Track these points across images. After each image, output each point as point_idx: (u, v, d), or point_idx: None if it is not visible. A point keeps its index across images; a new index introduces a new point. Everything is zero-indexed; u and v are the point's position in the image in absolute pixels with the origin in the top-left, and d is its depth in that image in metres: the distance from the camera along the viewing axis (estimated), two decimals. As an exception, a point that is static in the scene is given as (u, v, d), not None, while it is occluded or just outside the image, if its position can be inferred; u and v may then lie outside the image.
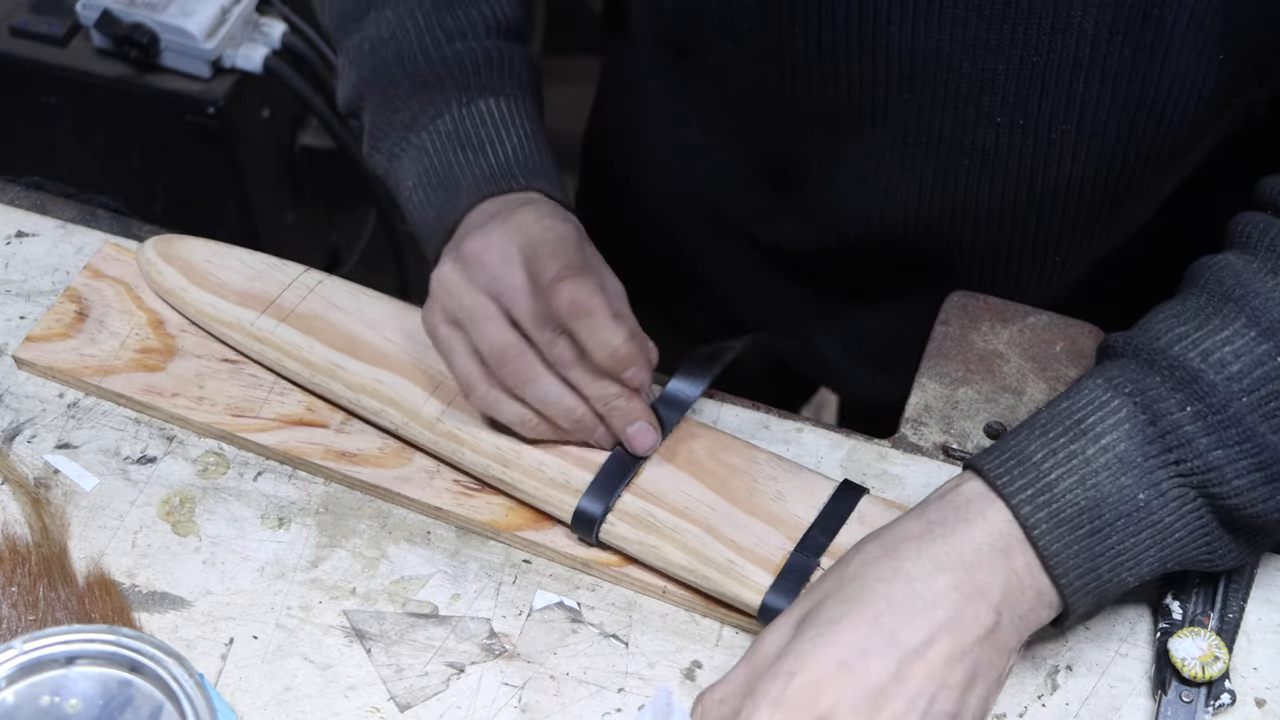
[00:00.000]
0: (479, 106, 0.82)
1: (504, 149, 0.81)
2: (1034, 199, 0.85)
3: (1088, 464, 0.66)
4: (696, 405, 0.83)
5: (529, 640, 0.75)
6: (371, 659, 0.74)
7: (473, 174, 0.80)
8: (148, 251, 0.87)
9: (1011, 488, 0.67)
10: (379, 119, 0.85)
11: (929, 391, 0.84)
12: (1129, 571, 0.67)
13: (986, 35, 0.76)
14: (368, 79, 0.85)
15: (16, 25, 1.40)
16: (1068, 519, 0.66)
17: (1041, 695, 0.73)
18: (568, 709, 0.72)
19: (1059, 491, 0.66)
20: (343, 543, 0.78)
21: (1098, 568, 0.67)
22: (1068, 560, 0.66)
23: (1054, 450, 0.67)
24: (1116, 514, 0.66)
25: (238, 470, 0.81)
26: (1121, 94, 0.77)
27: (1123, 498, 0.66)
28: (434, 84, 0.83)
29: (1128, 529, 0.66)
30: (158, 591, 0.76)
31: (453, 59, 0.83)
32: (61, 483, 0.80)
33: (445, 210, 0.80)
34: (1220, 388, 0.66)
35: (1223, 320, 0.68)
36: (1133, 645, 0.74)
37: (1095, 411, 0.67)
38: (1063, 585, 0.67)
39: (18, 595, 0.73)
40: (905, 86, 0.80)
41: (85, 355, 0.84)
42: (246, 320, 0.83)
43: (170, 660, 0.61)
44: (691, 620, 0.76)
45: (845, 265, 0.96)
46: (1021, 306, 0.87)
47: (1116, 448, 0.66)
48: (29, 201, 0.93)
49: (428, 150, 0.82)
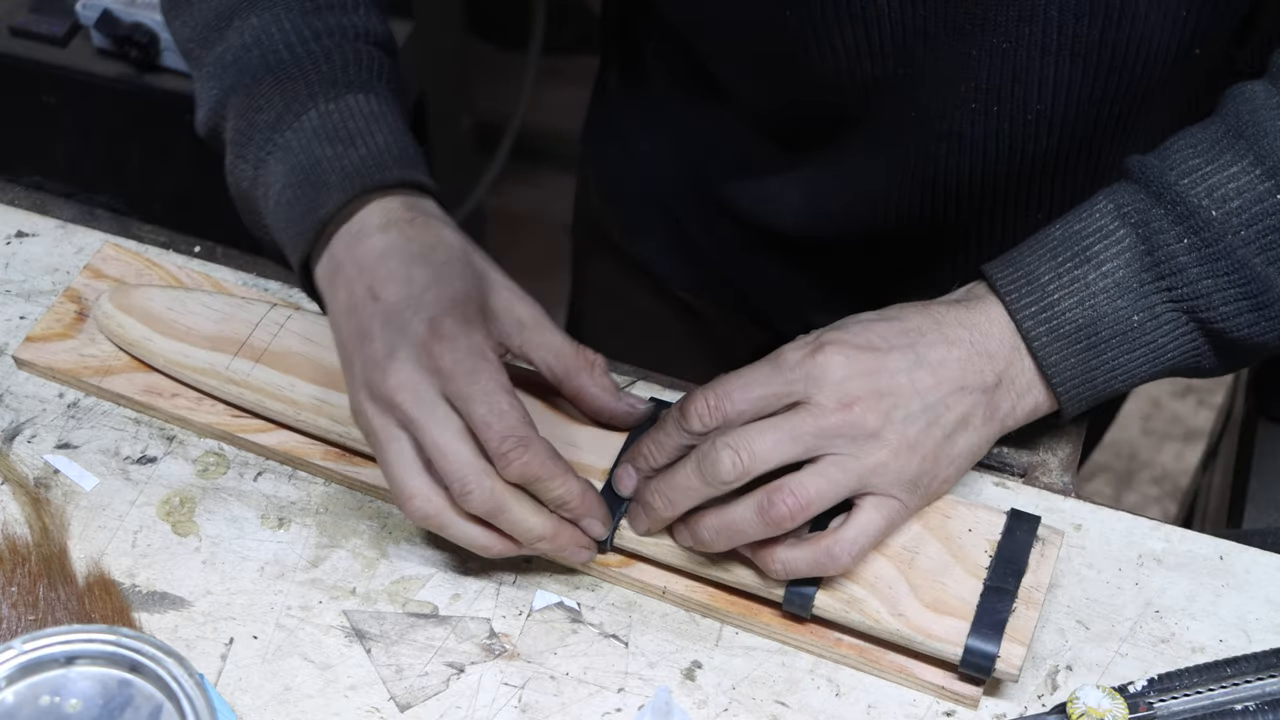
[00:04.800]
0: (346, 101, 0.78)
1: (374, 141, 0.77)
2: (1012, 175, 0.87)
3: (1087, 288, 0.74)
4: None
5: (529, 640, 0.75)
6: (371, 659, 0.74)
7: (342, 167, 0.76)
8: (105, 305, 0.84)
9: (1019, 304, 0.74)
10: (242, 123, 0.80)
11: (929, 391, 0.84)
12: (1122, 382, 0.75)
13: (962, 19, 0.78)
14: (231, 87, 0.80)
15: (16, 25, 1.40)
16: (1066, 334, 0.74)
17: (1041, 695, 0.73)
18: (568, 709, 0.72)
19: (1059, 310, 0.74)
20: (343, 543, 0.78)
21: (1094, 379, 0.75)
22: (1065, 370, 0.74)
23: (1059, 274, 0.74)
24: (1112, 332, 0.74)
25: (238, 470, 0.81)
26: (1092, 68, 0.80)
27: (1118, 318, 0.74)
28: (299, 79, 0.79)
29: (1122, 346, 0.74)
30: (158, 591, 0.76)
31: (320, 54, 0.80)
32: (61, 483, 0.80)
33: (314, 206, 0.76)
34: (1217, 222, 0.72)
35: (1233, 155, 0.73)
36: (1132, 645, 0.74)
37: (1101, 239, 0.74)
38: (1058, 389, 0.75)
39: (18, 595, 0.73)
40: (896, 61, 0.81)
41: (85, 355, 0.84)
42: (220, 365, 0.81)
43: (170, 660, 0.61)
44: (691, 620, 0.76)
45: (834, 250, 0.98)
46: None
47: (1115, 274, 0.74)
48: (29, 201, 0.93)
49: (293, 149, 0.77)
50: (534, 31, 1.96)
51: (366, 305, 0.72)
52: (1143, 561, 0.78)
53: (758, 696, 0.73)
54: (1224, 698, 0.71)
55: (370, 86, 0.79)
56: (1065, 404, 0.75)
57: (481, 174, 2.00)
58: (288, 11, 0.81)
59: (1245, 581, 0.77)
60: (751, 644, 0.75)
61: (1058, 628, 0.75)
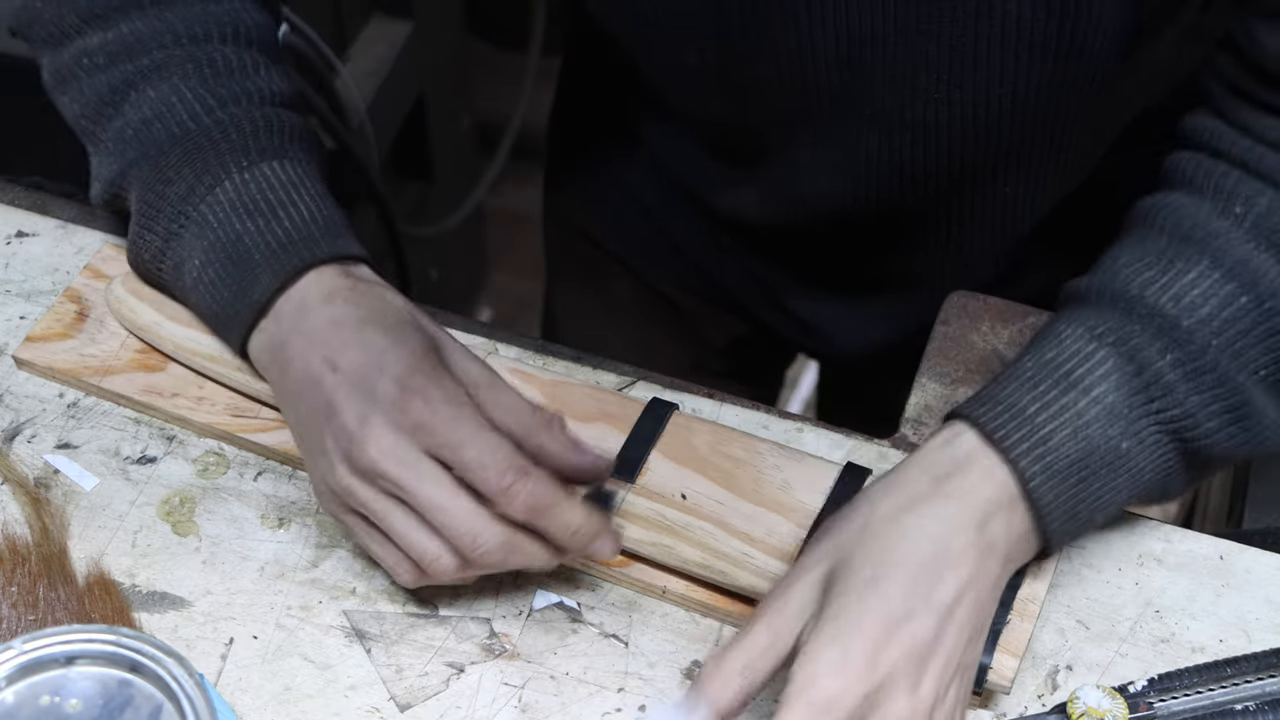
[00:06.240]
0: (261, 170, 0.75)
1: (296, 212, 0.74)
2: (979, 157, 0.87)
3: (1079, 416, 0.68)
4: (695, 406, 0.83)
5: (529, 640, 0.75)
6: (371, 659, 0.74)
7: (266, 243, 0.73)
8: (117, 289, 0.84)
9: (1009, 441, 0.68)
10: (148, 194, 0.77)
11: (929, 391, 0.84)
12: (1101, 513, 0.70)
13: (915, 19, 0.77)
14: (134, 160, 0.77)
15: (17, 25, 1.40)
16: (1059, 471, 0.68)
17: (1041, 695, 0.73)
18: (568, 709, 0.72)
19: (1053, 444, 0.68)
20: (343, 543, 0.78)
21: (1077, 513, 0.69)
22: (1056, 510, 0.69)
23: (1047, 404, 0.68)
24: (1102, 463, 0.68)
25: (238, 470, 0.81)
26: (1050, 55, 0.79)
27: (1109, 448, 0.68)
28: (209, 148, 0.76)
29: (1109, 476, 0.69)
30: (158, 591, 0.76)
31: (229, 122, 0.77)
32: (61, 483, 0.80)
33: (243, 289, 0.73)
34: (1196, 333, 0.68)
35: (1186, 263, 0.70)
36: (1132, 645, 0.74)
37: (1083, 363, 0.69)
38: (1050, 532, 0.69)
39: (18, 595, 0.73)
40: (842, 65, 0.81)
41: (85, 355, 0.84)
42: (230, 352, 0.80)
43: (170, 660, 0.61)
44: (691, 620, 0.76)
45: (806, 239, 0.99)
46: (1021, 307, 0.87)
47: (1106, 399, 0.68)
48: (29, 201, 0.93)
49: (210, 223, 0.75)
50: (534, 31, 1.96)
51: (326, 376, 0.69)
52: (1143, 561, 0.78)
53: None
54: (1224, 698, 0.71)
55: (284, 152, 0.77)
56: (1053, 542, 0.70)
57: (481, 174, 2.00)
58: (185, 81, 0.77)
59: (1245, 581, 0.77)
60: (751, 644, 0.75)
61: (1057, 627, 0.75)
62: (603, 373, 0.85)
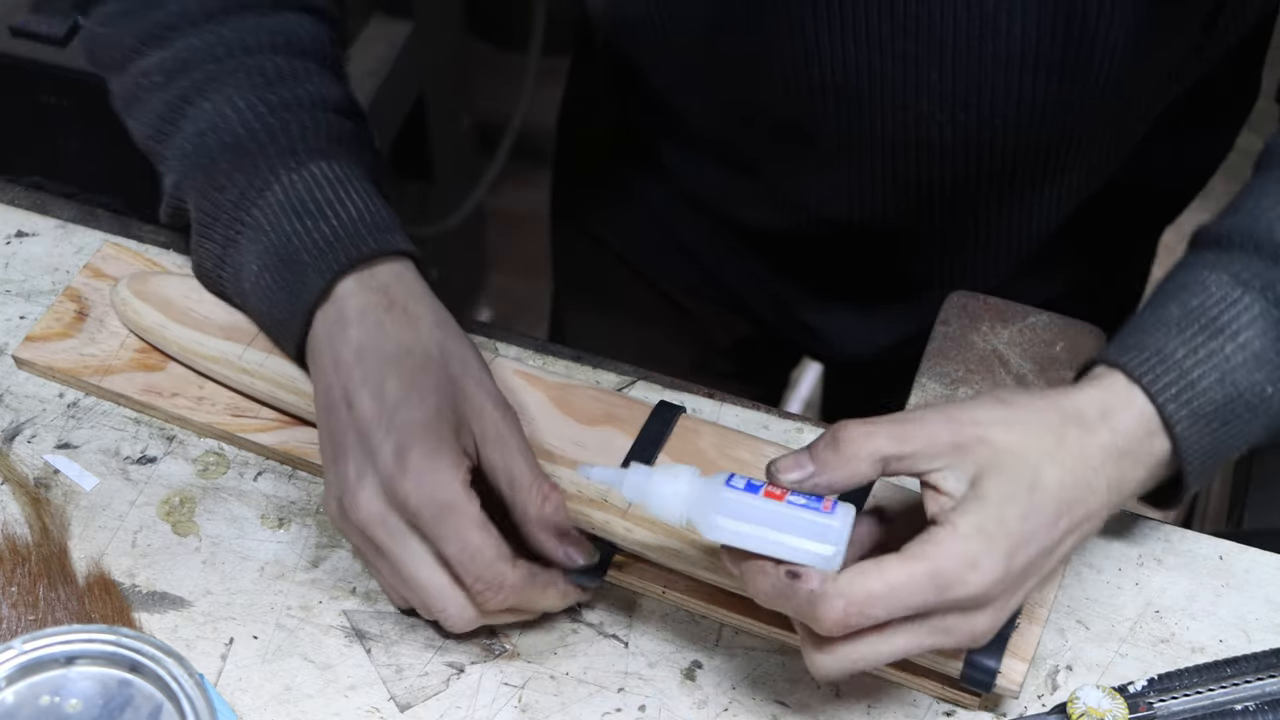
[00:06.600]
0: (310, 170, 0.76)
1: (344, 210, 0.75)
2: (983, 177, 0.87)
3: (1227, 361, 0.68)
4: (695, 405, 0.83)
5: (529, 640, 0.75)
6: (371, 659, 0.74)
7: (314, 242, 0.74)
8: (122, 291, 0.84)
9: (1158, 385, 0.68)
10: (204, 202, 0.78)
11: (929, 391, 0.84)
12: (1236, 451, 0.71)
13: (916, 49, 0.78)
14: (188, 170, 0.78)
15: (16, 25, 1.40)
16: (1205, 415, 0.68)
17: (1041, 695, 0.73)
18: (568, 709, 0.72)
19: (1200, 389, 0.68)
20: (343, 543, 0.78)
21: (1219, 453, 0.70)
22: (1198, 449, 0.69)
23: (1194, 349, 0.69)
24: (1245, 407, 0.69)
25: (238, 470, 0.81)
26: (1056, 76, 0.79)
27: (1255, 393, 0.69)
28: (257, 153, 0.77)
29: (1251, 419, 0.69)
30: (158, 591, 0.76)
31: (278, 126, 0.77)
32: (61, 483, 0.80)
33: (296, 291, 0.74)
34: None
35: None
36: (1132, 645, 0.74)
37: (1229, 309, 0.69)
38: (1188, 470, 0.69)
39: (18, 595, 0.73)
40: (841, 96, 0.82)
41: (85, 355, 0.84)
42: (233, 354, 0.81)
43: (170, 660, 0.61)
44: (691, 620, 0.76)
45: (814, 248, 0.99)
46: (1022, 307, 0.87)
47: (1253, 345, 0.69)
48: (29, 201, 0.93)
49: (263, 227, 0.75)
50: (534, 31, 1.96)
51: (341, 412, 0.71)
52: (1143, 561, 0.78)
53: (758, 696, 0.73)
54: (1224, 698, 0.71)
55: (332, 153, 0.78)
56: (1190, 481, 0.70)
57: (481, 174, 2.00)
58: (239, 91, 0.78)
59: (1245, 581, 0.77)
60: (751, 644, 0.75)
61: (1057, 627, 0.75)
62: (603, 372, 0.85)
